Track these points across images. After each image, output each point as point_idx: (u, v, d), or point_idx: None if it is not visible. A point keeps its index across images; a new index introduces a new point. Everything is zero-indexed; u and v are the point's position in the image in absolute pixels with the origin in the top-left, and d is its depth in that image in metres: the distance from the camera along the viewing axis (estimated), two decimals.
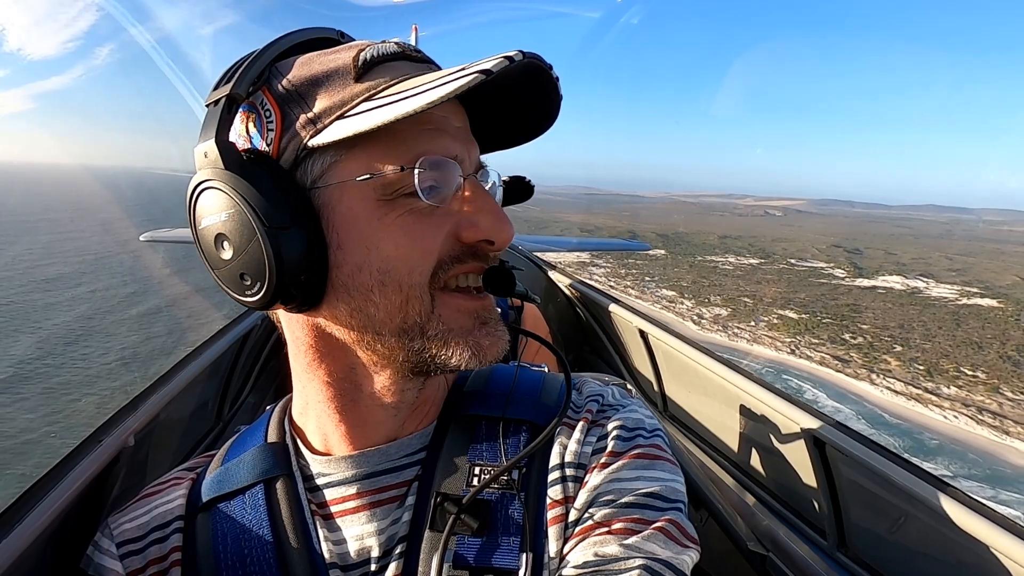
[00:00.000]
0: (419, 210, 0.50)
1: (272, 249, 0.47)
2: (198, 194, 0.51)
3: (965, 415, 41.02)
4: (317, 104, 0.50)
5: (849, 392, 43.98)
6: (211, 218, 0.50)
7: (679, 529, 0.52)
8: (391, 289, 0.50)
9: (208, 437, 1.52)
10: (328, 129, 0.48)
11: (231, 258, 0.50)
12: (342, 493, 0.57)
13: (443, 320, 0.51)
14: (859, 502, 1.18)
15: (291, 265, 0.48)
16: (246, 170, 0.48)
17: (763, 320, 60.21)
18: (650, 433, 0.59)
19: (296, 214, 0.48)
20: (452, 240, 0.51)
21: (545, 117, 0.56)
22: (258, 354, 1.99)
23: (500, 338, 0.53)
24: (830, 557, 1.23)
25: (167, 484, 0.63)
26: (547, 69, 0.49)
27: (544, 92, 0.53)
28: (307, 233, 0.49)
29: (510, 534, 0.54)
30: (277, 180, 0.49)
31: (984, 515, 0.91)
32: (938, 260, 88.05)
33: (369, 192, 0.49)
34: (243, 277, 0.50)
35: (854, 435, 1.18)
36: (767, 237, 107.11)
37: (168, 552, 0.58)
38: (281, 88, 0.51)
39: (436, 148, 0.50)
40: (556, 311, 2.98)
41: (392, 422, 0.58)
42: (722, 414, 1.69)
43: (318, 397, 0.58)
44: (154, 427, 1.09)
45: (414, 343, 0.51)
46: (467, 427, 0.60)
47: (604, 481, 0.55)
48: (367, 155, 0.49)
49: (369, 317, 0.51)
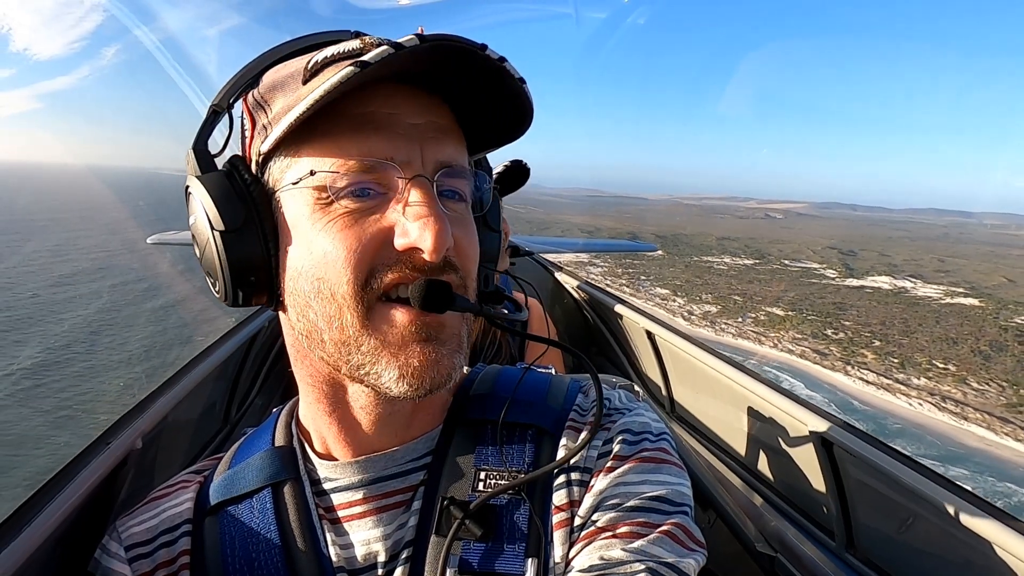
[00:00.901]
0: (353, 214, 0.48)
1: (222, 251, 0.49)
2: (185, 196, 0.54)
3: (930, 403, 43.80)
4: (272, 109, 0.51)
5: (823, 382, 46.71)
6: (190, 218, 0.53)
7: (685, 533, 0.52)
8: (325, 297, 0.49)
9: (216, 439, 1.54)
10: (272, 134, 0.49)
11: (199, 256, 0.53)
12: (349, 498, 0.57)
13: (377, 332, 0.49)
14: (867, 503, 1.17)
15: (238, 266, 0.50)
16: (212, 176, 0.50)
17: (750, 316, 62.93)
18: (656, 437, 0.58)
19: (249, 218, 0.49)
20: (386, 246, 0.49)
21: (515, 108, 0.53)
22: (265, 356, 2.00)
23: (438, 362, 0.49)
24: (838, 558, 1.22)
25: (175, 487, 0.63)
26: (476, 51, 0.45)
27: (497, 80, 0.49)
28: (255, 236, 0.50)
29: (515, 539, 0.53)
30: (237, 185, 0.50)
31: (993, 515, 0.91)
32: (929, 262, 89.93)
33: (308, 196, 0.49)
34: (208, 274, 0.53)
35: (862, 436, 1.17)
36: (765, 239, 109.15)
37: (176, 556, 0.58)
38: (252, 96, 0.53)
39: (373, 149, 0.48)
40: (563, 312, 2.98)
41: (390, 427, 0.57)
42: (730, 415, 1.68)
43: (307, 399, 0.58)
44: (162, 429, 1.09)
45: (352, 357, 0.50)
46: (473, 431, 0.59)
47: (610, 485, 0.54)
48: (309, 159, 0.49)
49: (313, 324, 0.50)
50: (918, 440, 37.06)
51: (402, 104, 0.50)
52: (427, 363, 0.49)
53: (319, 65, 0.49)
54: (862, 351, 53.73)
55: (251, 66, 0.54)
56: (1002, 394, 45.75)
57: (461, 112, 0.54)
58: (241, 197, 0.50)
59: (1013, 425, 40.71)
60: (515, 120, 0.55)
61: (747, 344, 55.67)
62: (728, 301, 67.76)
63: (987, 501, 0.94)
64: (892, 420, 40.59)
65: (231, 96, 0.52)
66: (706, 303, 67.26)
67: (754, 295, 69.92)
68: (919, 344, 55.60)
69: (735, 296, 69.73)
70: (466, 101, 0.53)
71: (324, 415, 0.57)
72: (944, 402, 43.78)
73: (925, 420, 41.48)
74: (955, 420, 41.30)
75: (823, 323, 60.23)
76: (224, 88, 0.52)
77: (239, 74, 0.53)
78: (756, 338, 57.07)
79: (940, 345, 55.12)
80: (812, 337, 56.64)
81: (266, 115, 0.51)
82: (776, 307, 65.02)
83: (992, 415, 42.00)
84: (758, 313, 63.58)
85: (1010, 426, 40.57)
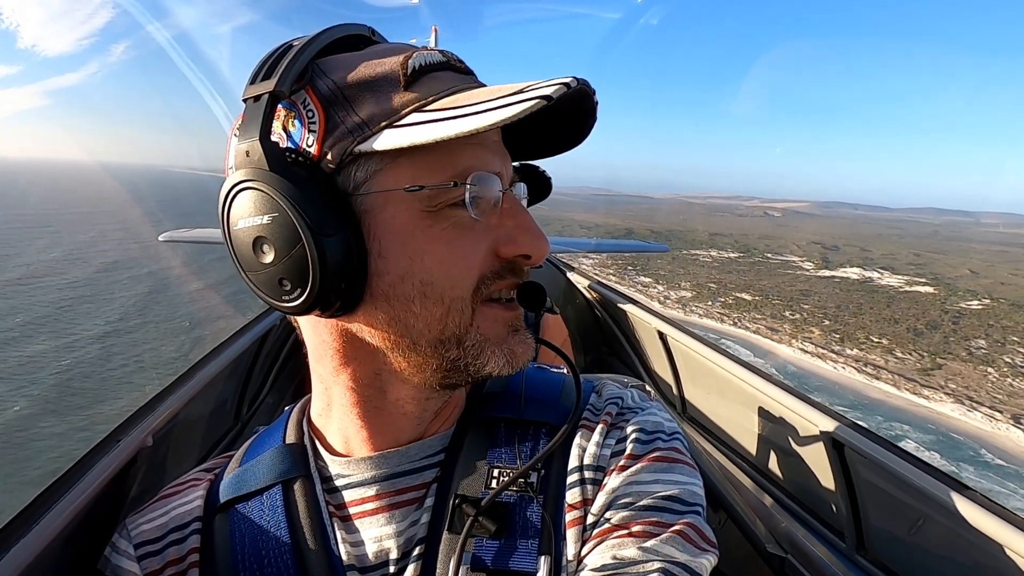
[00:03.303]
0: (462, 223, 0.50)
1: (317, 255, 0.47)
2: (235, 194, 0.49)
3: (853, 368, 51.15)
4: (364, 109, 0.49)
5: (768, 351, 54.30)
6: (250, 220, 0.49)
7: (697, 533, 0.52)
8: (432, 301, 0.50)
9: (227, 437, 1.54)
10: (377, 136, 0.47)
11: (271, 262, 0.49)
12: (361, 494, 0.57)
13: (480, 331, 0.52)
14: (878, 504, 1.17)
15: (334, 272, 0.48)
16: (290, 173, 0.47)
17: (720, 301, 70.31)
18: (669, 436, 0.59)
19: (339, 220, 0.48)
20: (491, 255, 0.51)
21: (576, 136, 0.56)
22: (277, 354, 2.00)
23: (530, 345, 0.55)
24: (848, 559, 1.21)
25: (185, 485, 0.64)
26: (591, 94, 0.49)
27: (582, 115, 0.53)
28: (350, 240, 0.49)
29: (528, 537, 0.54)
30: (321, 184, 0.48)
31: (1004, 518, 0.90)
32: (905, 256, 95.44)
33: (414, 202, 0.49)
34: (282, 282, 0.49)
35: (873, 437, 1.17)
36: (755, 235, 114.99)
37: (186, 553, 0.58)
38: (326, 88, 0.50)
39: (481, 163, 0.50)
40: (575, 312, 2.98)
41: (414, 427, 0.58)
42: (740, 416, 1.68)
43: (341, 401, 0.58)
44: (173, 427, 1.09)
45: (449, 352, 0.51)
46: (486, 429, 0.60)
47: (622, 484, 0.55)
48: (413, 165, 0.49)
49: (407, 327, 0.51)
50: (831, 393, 44.40)
51: None
52: (526, 348, 0.54)
53: (418, 72, 0.50)
54: (811, 328, 60.87)
55: (304, 53, 0.50)
56: (919, 362, 52.85)
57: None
58: (331, 196, 0.48)
59: (915, 383, 48.24)
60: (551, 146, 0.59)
61: (710, 323, 63.17)
62: (704, 288, 75.07)
63: (999, 504, 0.94)
64: (815, 380, 48.08)
65: (293, 84, 0.49)
66: (683, 290, 74.63)
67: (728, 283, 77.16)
68: (863, 323, 62.47)
69: (711, 284, 77.03)
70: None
71: (357, 417, 0.57)
72: (865, 367, 51.16)
73: (842, 379, 48.99)
74: (868, 379, 48.88)
75: (784, 306, 67.40)
76: (282, 74, 0.48)
77: (292, 60, 0.49)
78: (719, 318, 64.55)
79: (881, 324, 61.96)
80: (770, 317, 63.91)
81: (350, 114, 0.49)
82: (745, 293, 72.29)
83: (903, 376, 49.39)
84: (727, 298, 70.91)
85: (912, 384, 48.15)
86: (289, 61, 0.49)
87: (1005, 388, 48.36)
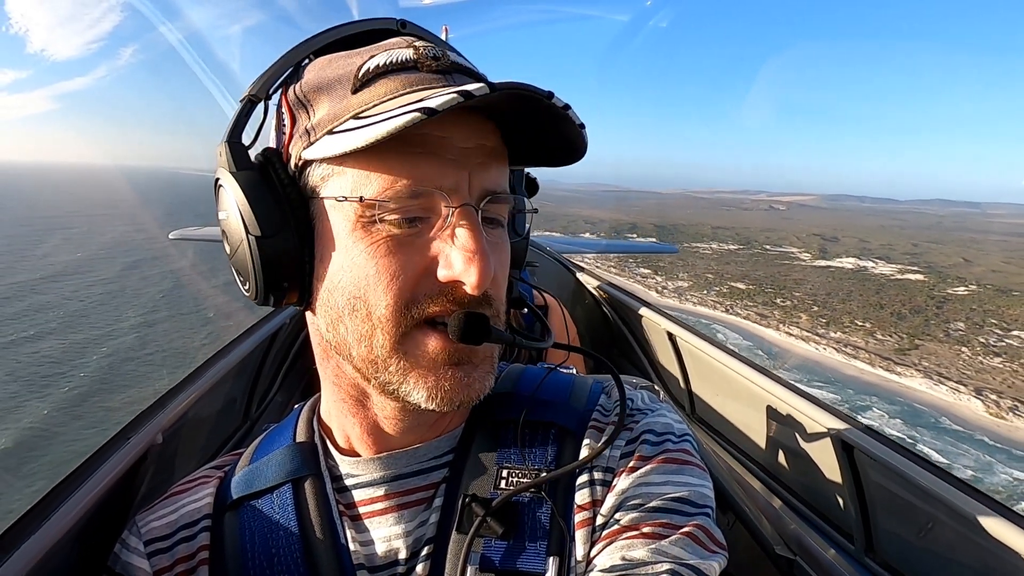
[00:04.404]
0: (397, 239, 0.48)
1: (256, 254, 0.48)
2: (216, 189, 0.53)
3: (833, 348, 54.45)
4: (316, 114, 0.49)
5: (755, 335, 57.72)
6: (220, 213, 0.53)
7: (707, 534, 0.52)
8: (360, 317, 0.49)
9: (236, 435, 1.53)
10: (318, 143, 0.48)
11: (229, 253, 0.53)
12: (370, 494, 0.57)
13: (407, 356, 0.49)
14: (887, 507, 1.16)
15: (271, 271, 0.49)
16: (248, 174, 0.49)
17: (715, 290, 73.62)
18: (679, 438, 0.58)
19: (285, 223, 0.48)
20: (429, 276, 0.48)
21: (571, 146, 0.52)
22: (286, 352, 2.00)
23: (469, 385, 0.50)
24: (858, 562, 1.20)
25: (195, 482, 0.64)
26: (542, 99, 0.45)
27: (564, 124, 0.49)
28: (292, 243, 0.49)
29: (537, 538, 0.53)
30: (275, 187, 0.49)
31: (1015, 522, 0.89)
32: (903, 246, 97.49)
33: (350, 212, 0.48)
34: (238, 272, 0.52)
35: (883, 440, 1.16)
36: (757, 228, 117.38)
37: (196, 550, 0.58)
38: (294, 92, 0.51)
39: (419, 175, 0.47)
40: (584, 313, 2.94)
41: (410, 430, 0.57)
42: (750, 417, 1.66)
43: (332, 396, 0.59)
44: (182, 424, 1.09)
45: (379, 375, 0.50)
46: (495, 430, 0.59)
47: (632, 485, 0.54)
48: (354, 173, 0.48)
49: (342, 337, 0.51)
50: (808, 371, 47.94)
51: (453, 127, 0.48)
52: (459, 386, 0.50)
53: (371, 74, 0.48)
54: (799, 314, 64.03)
55: (291, 56, 0.51)
56: (898, 343, 55.96)
57: (508, 132, 0.53)
58: (277, 199, 0.49)
59: (889, 362, 51.44)
60: (564, 152, 0.54)
61: (704, 310, 66.64)
62: (700, 279, 78.35)
63: (1010, 508, 0.92)
64: (795, 358, 51.64)
65: (270, 86, 0.50)
66: (680, 280, 77.95)
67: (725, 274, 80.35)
68: (851, 309, 65.45)
69: (708, 274, 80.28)
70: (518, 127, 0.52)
71: (348, 414, 0.58)
72: (845, 347, 54.43)
73: (822, 358, 52.43)
74: (845, 359, 52.24)
75: (776, 294, 70.55)
76: (263, 77, 0.50)
77: (279, 63, 0.51)
78: (713, 305, 67.97)
79: (868, 309, 64.89)
80: (762, 305, 67.14)
81: (308, 117, 0.49)
82: (740, 283, 75.51)
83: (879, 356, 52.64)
84: (723, 287, 74.20)
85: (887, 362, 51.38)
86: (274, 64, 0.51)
87: (975, 365, 51.43)
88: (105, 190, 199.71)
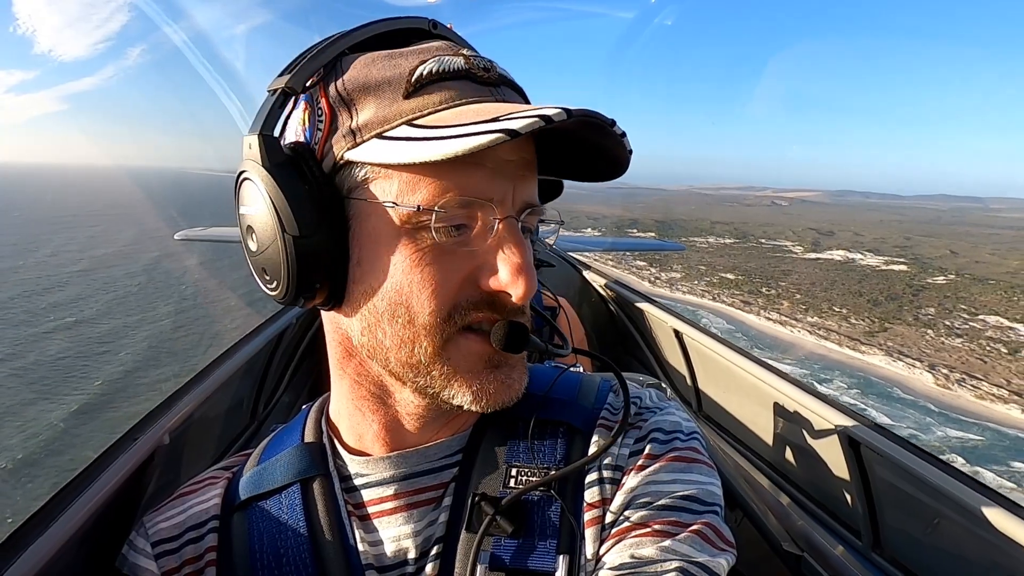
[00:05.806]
0: (442, 246, 0.48)
1: (290, 254, 0.47)
2: (239, 183, 0.51)
3: (807, 331, 58.79)
4: (362, 114, 0.48)
5: (737, 320, 62.16)
6: (245, 208, 0.51)
7: (716, 532, 0.52)
8: (402, 323, 0.49)
9: (243, 436, 1.53)
10: (364, 146, 0.47)
11: (256, 251, 0.51)
12: (379, 494, 0.57)
13: (451, 361, 0.50)
14: (894, 503, 1.16)
15: (306, 272, 0.48)
16: (282, 169, 0.48)
17: (705, 280, 77.83)
18: (687, 436, 0.58)
19: (322, 222, 0.48)
20: (472, 284, 0.49)
21: (613, 164, 0.53)
22: (293, 353, 2.00)
23: (510, 386, 0.52)
24: (865, 558, 1.21)
25: (203, 483, 0.64)
26: (606, 126, 0.46)
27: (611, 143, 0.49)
28: (328, 243, 0.48)
29: (546, 536, 0.53)
30: (311, 184, 0.48)
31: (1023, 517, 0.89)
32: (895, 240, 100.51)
33: (395, 217, 0.47)
34: (264, 271, 0.51)
35: (890, 436, 1.17)
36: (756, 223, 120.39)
37: (204, 552, 0.58)
38: (335, 88, 0.49)
39: (469, 185, 0.47)
40: (590, 311, 2.95)
41: (428, 427, 0.58)
42: (757, 414, 1.67)
43: (350, 395, 0.58)
44: (189, 425, 1.09)
45: (419, 378, 0.51)
46: (504, 429, 0.59)
47: (641, 483, 0.54)
48: (400, 178, 0.47)
49: (378, 341, 0.51)
50: (781, 350, 52.38)
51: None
52: (502, 388, 0.51)
53: (423, 80, 0.48)
54: (781, 301, 68.29)
55: (327, 50, 0.50)
56: (869, 327, 60.06)
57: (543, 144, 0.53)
58: (313, 197, 0.48)
59: (857, 342, 55.74)
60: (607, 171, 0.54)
61: (692, 298, 71.09)
62: (693, 270, 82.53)
63: (1017, 504, 0.92)
64: (770, 339, 56.07)
65: (306, 80, 0.49)
66: (673, 272, 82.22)
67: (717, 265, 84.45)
68: (831, 296, 69.45)
69: (700, 266, 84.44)
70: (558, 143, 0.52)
71: (368, 411, 0.57)
72: (818, 330, 58.72)
73: (795, 340, 56.87)
74: (816, 339, 56.64)
75: (763, 283, 74.67)
76: (299, 70, 0.49)
77: (315, 54, 0.49)
78: (701, 294, 72.34)
79: (846, 297, 68.86)
80: (747, 293, 71.39)
81: (351, 117, 0.48)
82: (730, 273, 79.64)
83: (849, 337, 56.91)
84: (713, 278, 78.42)
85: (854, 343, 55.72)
86: (311, 56, 0.49)
87: (935, 345, 55.56)
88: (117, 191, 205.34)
